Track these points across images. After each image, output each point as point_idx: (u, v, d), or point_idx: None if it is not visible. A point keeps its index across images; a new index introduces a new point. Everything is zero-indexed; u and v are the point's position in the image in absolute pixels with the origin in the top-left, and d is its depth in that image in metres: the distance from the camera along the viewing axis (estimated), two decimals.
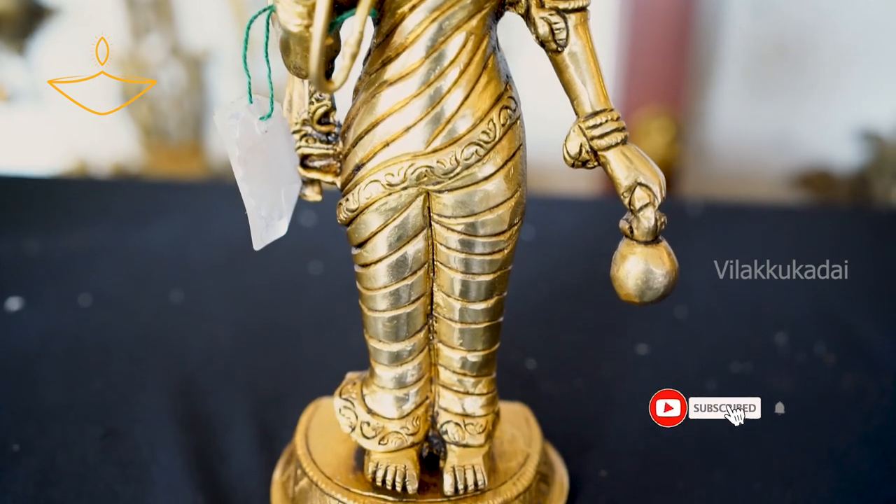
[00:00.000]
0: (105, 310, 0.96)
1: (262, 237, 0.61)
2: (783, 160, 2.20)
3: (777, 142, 2.21)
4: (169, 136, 2.27)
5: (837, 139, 2.21)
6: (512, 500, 0.64)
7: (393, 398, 0.63)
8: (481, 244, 0.58)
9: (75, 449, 0.73)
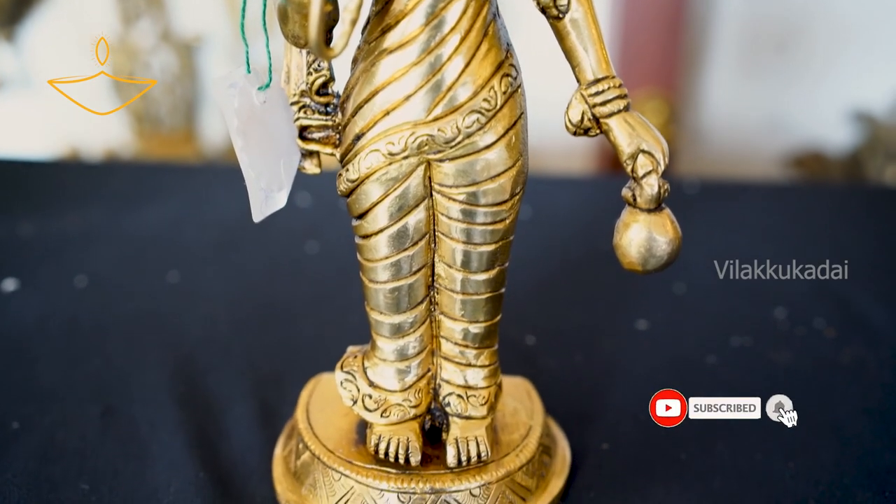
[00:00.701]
0: (101, 291, 0.95)
1: (261, 209, 0.61)
2: (776, 141, 2.20)
3: (770, 123, 2.21)
4: (161, 122, 2.26)
5: (830, 120, 2.21)
6: (515, 471, 0.63)
7: (395, 370, 0.63)
8: (483, 214, 0.58)
9: (75, 427, 0.72)
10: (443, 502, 0.61)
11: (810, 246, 1.09)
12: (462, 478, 0.62)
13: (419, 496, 0.61)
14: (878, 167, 2.10)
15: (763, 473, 0.69)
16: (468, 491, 0.62)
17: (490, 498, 0.62)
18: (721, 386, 0.80)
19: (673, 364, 0.84)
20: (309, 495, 0.64)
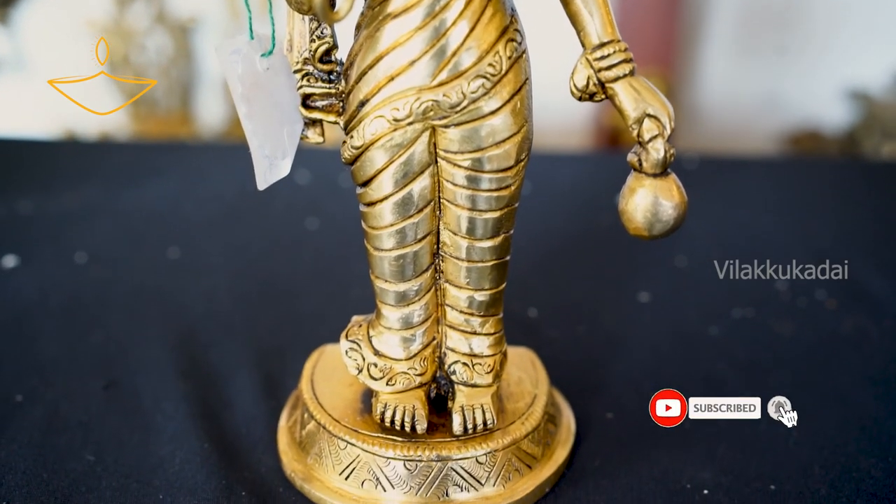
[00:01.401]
0: (101, 267, 0.95)
1: (265, 177, 0.60)
2: (773, 120, 2.20)
3: (767, 101, 2.21)
4: (157, 104, 2.24)
5: (827, 99, 2.21)
6: (521, 439, 0.64)
7: (400, 339, 0.63)
8: (488, 180, 0.58)
9: (78, 399, 0.72)
10: (449, 470, 0.61)
11: (809, 219, 1.09)
12: (468, 445, 0.62)
13: (425, 464, 0.61)
14: (874, 145, 2.10)
15: (767, 440, 0.70)
16: (474, 458, 0.62)
17: (496, 465, 0.62)
18: (724, 356, 0.80)
19: (675, 335, 0.84)
20: (315, 465, 0.64)
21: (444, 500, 0.61)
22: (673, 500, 0.63)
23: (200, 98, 2.27)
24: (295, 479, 0.64)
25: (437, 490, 0.61)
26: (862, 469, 0.67)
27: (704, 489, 0.64)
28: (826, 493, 0.64)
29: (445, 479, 0.61)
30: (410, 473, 0.61)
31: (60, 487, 0.62)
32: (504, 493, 0.62)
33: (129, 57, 2.17)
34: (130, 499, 0.62)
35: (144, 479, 0.64)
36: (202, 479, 0.64)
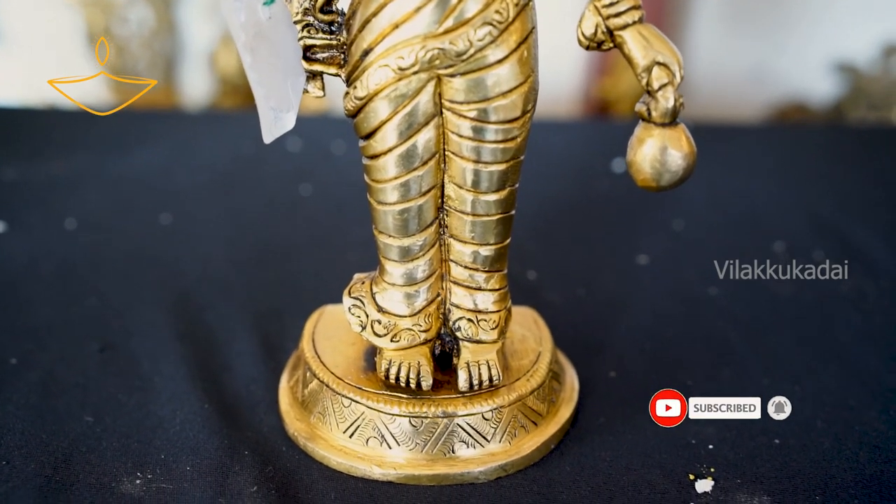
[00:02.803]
0: (92, 233, 0.93)
1: (271, 130, 0.59)
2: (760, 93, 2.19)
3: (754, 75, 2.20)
4: (139, 78, 2.21)
5: (814, 72, 2.21)
6: (526, 395, 0.63)
7: (403, 295, 0.62)
8: (494, 131, 0.57)
9: (74, 362, 0.71)
10: (455, 426, 0.61)
11: (803, 183, 1.10)
12: (474, 402, 0.61)
13: (431, 420, 0.61)
14: (860, 118, 2.11)
15: (770, 397, 0.69)
16: (480, 415, 0.61)
17: (502, 422, 0.62)
18: (724, 315, 0.80)
19: (676, 296, 0.84)
20: (318, 423, 0.63)
21: (450, 456, 0.61)
22: (679, 454, 0.63)
23: (184, 71, 2.23)
24: (298, 438, 0.63)
25: (443, 447, 0.61)
26: (864, 422, 0.67)
27: (709, 444, 0.64)
28: (830, 445, 0.64)
29: (451, 436, 0.61)
30: (416, 430, 0.61)
31: (60, 448, 0.61)
32: (510, 450, 0.62)
33: (109, 29, 2.12)
34: (132, 458, 0.61)
35: (145, 440, 0.63)
36: (204, 439, 0.63)
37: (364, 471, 0.60)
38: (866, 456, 0.63)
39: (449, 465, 0.61)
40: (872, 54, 2.18)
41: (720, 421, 0.66)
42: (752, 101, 2.18)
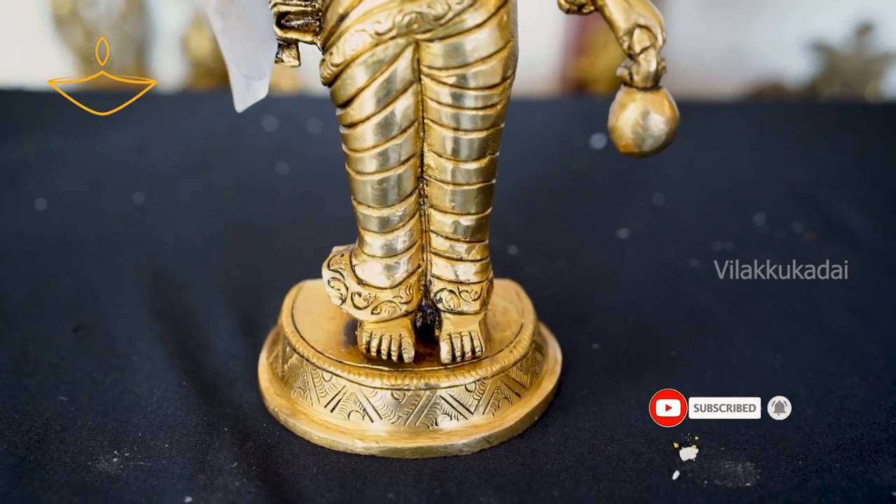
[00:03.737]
0: (63, 213, 0.91)
1: (243, 98, 0.58)
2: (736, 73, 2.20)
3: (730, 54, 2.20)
4: (109, 62, 2.17)
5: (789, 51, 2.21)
6: (509, 367, 0.62)
7: (383, 266, 0.61)
8: (473, 97, 0.56)
9: (48, 342, 0.69)
10: (438, 398, 0.60)
11: (781, 158, 1.09)
12: (457, 373, 0.61)
13: (413, 393, 0.60)
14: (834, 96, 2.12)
15: (753, 366, 0.70)
16: (463, 387, 0.61)
17: (485, 394, 0.61)
18: (706, 289, 0.80)
19: (657, 268, 0.84)
20: (299, 398, 0.62)
21: (434, 429, 0.60)
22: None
23: (156, 55, 2.20)
24: (279, 414, 0.62)
25: (426, 419, 0.60)
26: (845, 388, 0.67)
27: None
28: (812, 412, 0.64)
29: (434, 408, 0.60)
30: (398, 403, 0.60)
31: (34, 427, 0.60)
32: (493, 422, 0.61)
33: (77, 11, 2.08)
34: (108, 437, 0.59)
35: (122, 418, 0.61)
36: (182, 416, 0.62)
37: (346, 445, 0.60)
38: (847, 421, 0.63)
39: (432, 437, 0.60)
40: (846, 33, 2.19)
41: (704, 390, 0.66)
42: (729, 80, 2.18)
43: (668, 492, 0.56)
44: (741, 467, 0.59)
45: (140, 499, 0.54)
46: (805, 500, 0.56)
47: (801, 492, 0.56)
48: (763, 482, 0.57)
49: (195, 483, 0.56)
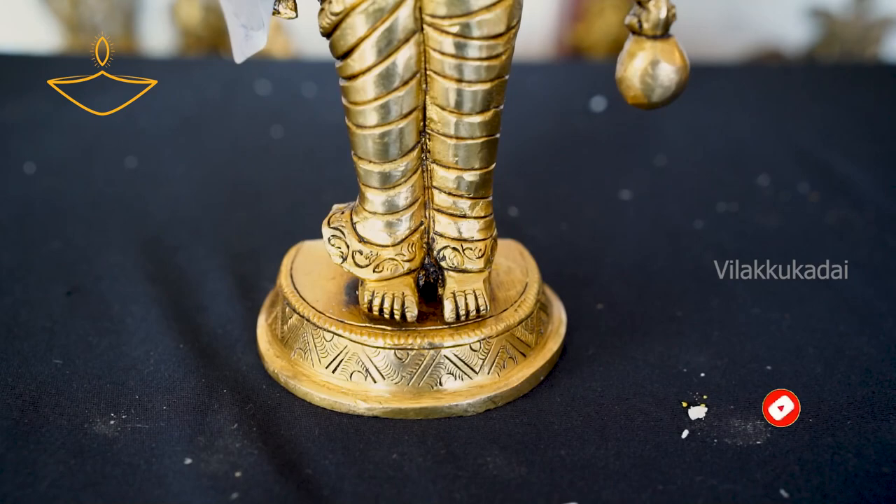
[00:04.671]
0: (53, 177, 0.89)
1: (242, 49, 0.56)
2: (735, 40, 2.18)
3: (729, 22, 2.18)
4: (96, 30, 2.13)
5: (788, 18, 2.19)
6: (514, 326, 0.61)
7: (384, 223, 0.59)
8: (477, 47, 0.54)
9: (39, 306, 0.68)
10: (442, 358, 0.59)
11: (783, 119, 1.08)
12: (461, 332, 0.59)
13: (417, 352, 0.58)
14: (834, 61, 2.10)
15: (760, 325, 0.68)
16: (468, 346, 0.59)
17: (490, 353, 0.60)
18: (711, 248, 0.79)
19: (661, 229, 0.82)
20: (299, 359, 0.61)
21: (437, 389, 0.59)
22: (670, 382, 0.62)
23: (144, 24, 2.16)
24: (279, 376, 0.61)
25: (430, 379, 0.59)
26: (854, 347, 0.66)
27: (701, 372, 0.63)
28: (822, 371, 0.63)
29: (438, 368, 0.59)
30: (401, 363, 0.59)
31: (28, 391, 0.58)
32: (498, 382, 0.60)
33: None
34: (105, 399, 0.58)
35: (118, 381, 0.60)
36: (180, 379, 0.60)
37: (348, 406, 0.58)
38: (857, 378, 0.62)
39: (436, 398, 0.59)
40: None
41: (711, 349, 0.65)
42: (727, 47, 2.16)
43: (678, 450, 0.55)
44: (751, 425, 0.58)
45: (138, 460, 0.53)
46: (817, 457, 0.55)
47: (813, 449, 0.55)
48: (773, 440, 0.56)
49: (195, 445, 0.55)
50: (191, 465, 0.53)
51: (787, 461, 0.54)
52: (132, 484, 0.52)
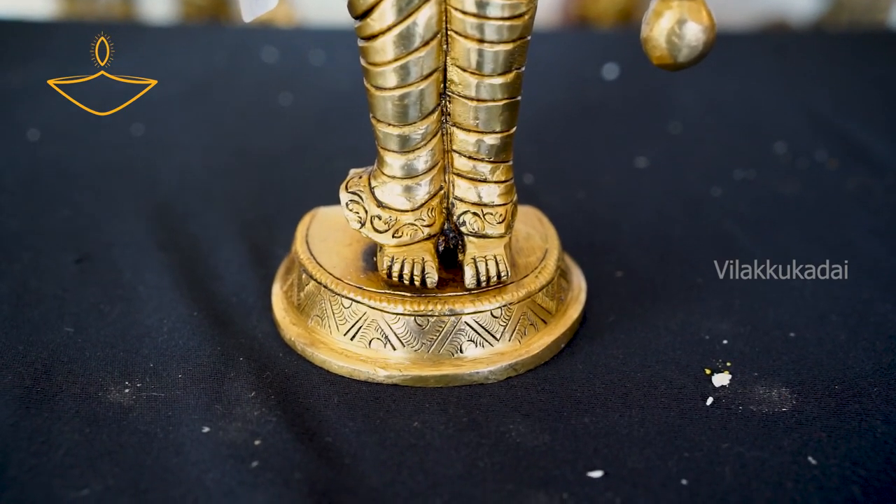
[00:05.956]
0: (58, 144, 0.88)
1: (251, 8, 0.54)
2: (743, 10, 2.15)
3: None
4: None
5: None
6: (536, 292, 0.60)
7: (403, 188, 0.58)
8: (500, 7, 0.52)
9: (49, 273, 0.67)
10: (462, 324, 0.58)
11: (797, 86, 1.06)
12: (482, 299, 0.58)
13: (437, 319, 0.57)
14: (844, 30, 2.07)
15: (782, 291, 0.67)
16: (489, 312, 0.58)
17: (511, 320, 0.59)
18: (730, 215, 0.78)
19: (678, 197, 0.81)
20: (316, 327, 0.60)
21: (458, 356, 0.58)
22: (693, 350, 0.61)
23: None
24: (296, 344, 0.60)
25: (450, 346, 0.58)
26: (878, 314, 0.65)
27: (724, 339, 0.62)
28: (846, 338, 0.62)
29: (458, 335, 0.58)
30: (422, 329, 0.57)
31: (40, 358, 0.57)
32: (519, 349, 0.59)
33: None
34: (118, 367, 0.57)
35: (132, 349, 0.59)
36: (195, 346, 0.59)
37: (368, 374, 0.57)
38: (883, 345, 0.61)
39: (456, 365, 0.58)
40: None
41: (733, 317, 0.64)
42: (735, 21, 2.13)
43: (703, 417, 0.54)
44: (776, 392, 0.57)
45: (155, 429, 0.52)
46: (843, 423, 0.54)
47: (839, 416, 0.54)
48: (799, 407, 0.55)
49: (212, 413, 0.54)
50: (209, 434, 0.52)
51: (813, 428, 0.53)
52: (149, 452, 0.51)
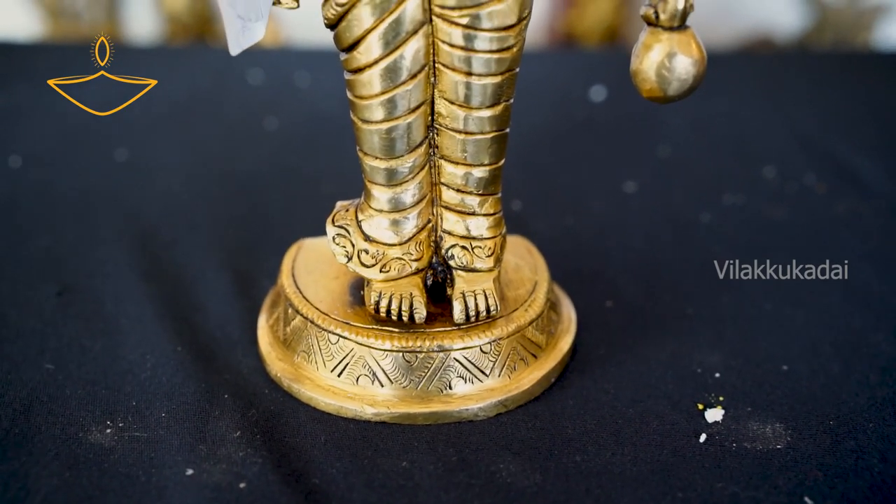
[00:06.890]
0: (40, 170, 0.86)
1: (238, 41, 0.53)
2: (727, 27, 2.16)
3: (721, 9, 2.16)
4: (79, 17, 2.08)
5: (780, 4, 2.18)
6: (525, 326, 0.59)
7: (391, 222, 0.57)
8: (488, 39, 0.51)
9: (29, 306, 0.65)
10: (451, 361, 0.57)
11: (785, 107, 1.06)
12: (471, 334, 0.57)
13: (426, 355, 0.56)
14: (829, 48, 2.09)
15: (774, 321, 0.67)
16: (478, 348, 0.57)
17: (501, 355, 0.58)
18: (720, 242, 0.77)
19: (667, 223, 0.81)
20: (303, 363, 0.59)
21: (447, 393, 0.57)
22: (685, 383, 0.60)
23: (129, 10, 2.11)
24: (282, 380, 0.59)
25: (439, 383, 0.57)
26: (871, 344, 0.64)
27: (716, 372, 0.61)
28: (839, 370, 0.62)
29: (447, 371, 0.57)
30: (410, 366, 0.56)
31: (18, 398, 0.56)
32: (509, 384, 0.58)
33: None
34: (100, 406, 0.56)
35: (114, 386, 0.58)
36: (179, 383, 0.58)
37: (355, 411, 0.56)
38: (876, 378, 0.61)
39: (445, 402, 0.57)
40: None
41: (725, 348, 0.64)
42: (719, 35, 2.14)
43: (696, 455, 0.54)
44: (770, 428, 0.56)
45: (137, 472, 0.51)
46: (839, 462, 0.53)
47: (836, 454, 0.54)
48: (794, 444, 0.55)
49: (196, 454, 0.52)
50: (193, 476, 0.51)
51: (809, 466, 0.53)
52: (131, 496, 0.49)
